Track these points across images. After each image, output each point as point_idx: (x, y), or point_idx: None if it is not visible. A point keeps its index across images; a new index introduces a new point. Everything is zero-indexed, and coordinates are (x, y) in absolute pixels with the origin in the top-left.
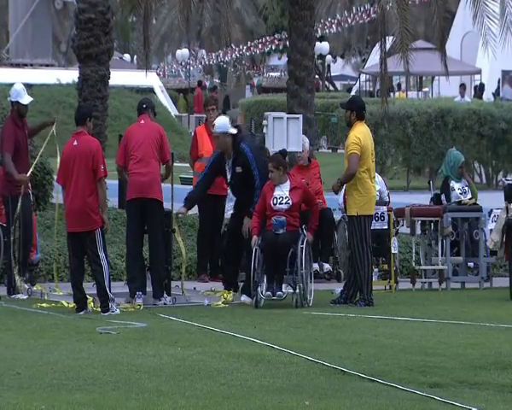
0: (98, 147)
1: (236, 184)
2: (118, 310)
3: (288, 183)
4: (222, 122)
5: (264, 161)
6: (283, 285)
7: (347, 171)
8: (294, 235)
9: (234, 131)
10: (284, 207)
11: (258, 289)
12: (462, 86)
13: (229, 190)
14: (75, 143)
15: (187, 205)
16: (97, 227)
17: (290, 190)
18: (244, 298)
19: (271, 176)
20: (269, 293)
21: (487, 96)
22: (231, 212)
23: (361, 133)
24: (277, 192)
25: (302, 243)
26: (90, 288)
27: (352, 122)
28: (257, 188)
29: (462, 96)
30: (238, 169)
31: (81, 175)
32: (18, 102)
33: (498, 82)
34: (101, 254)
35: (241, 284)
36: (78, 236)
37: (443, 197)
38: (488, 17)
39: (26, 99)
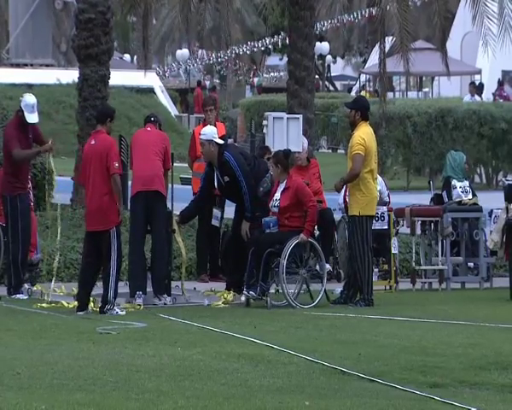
0: (112, 144)
1: (226, 191)
2: (119, 311)
3: (284, 183)
4: (208, 130)
5: (248, 167)
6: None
7: (351, 171)
8: (285, 235)
9: (219, 141)
10: (276, 210)
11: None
12: (472, 85)
13: None
14: (93, 142)
15: (179, 220)
16: (112, 226)
17: (282, 192)
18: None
19: (272, 171)
20: (245, 292)
21: (487, 96)
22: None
23: (366, 134)
24: (276, 194)
25: (290, 244)
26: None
27: (356, 122)
28: (244, 194)
29: (473, 95)
30: (226, 178)
31: (97, 174)
32: (23, 113)
33: (498, 82)
34: (113, 255)
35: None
36: (95, 235)
37: (445, 195)
38: (488, 17)
39: (31, 118)
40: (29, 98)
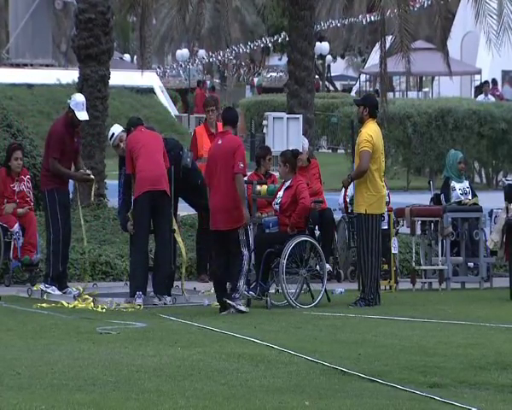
0: (239, 144)
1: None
2: (242, 308)
3: (289, 182)
4: (114, 131)
5: None
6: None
7: (359, 168)
8: (285, 235)
9: (122, 129)
10: (277, 207)
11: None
12: (487, 84)
13: None
14: (220, 141)
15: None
16: (239, 226)
17: (285, 190)
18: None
19: (279, 170)
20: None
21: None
22: None
23: (373, 131)
24: (280, 192)
25: (290, 244)
26: (89, 288)
27: (364, 119)
28: None
29: (486, 94)
30: None
31: (223, 173)
32: (74, 112)
33: (492, 82)
34: (244, 252)
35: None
36: (222, 234)
37: (442, 198)
38: (490, 16)
39: (82, 115)
40: (79, 97)
